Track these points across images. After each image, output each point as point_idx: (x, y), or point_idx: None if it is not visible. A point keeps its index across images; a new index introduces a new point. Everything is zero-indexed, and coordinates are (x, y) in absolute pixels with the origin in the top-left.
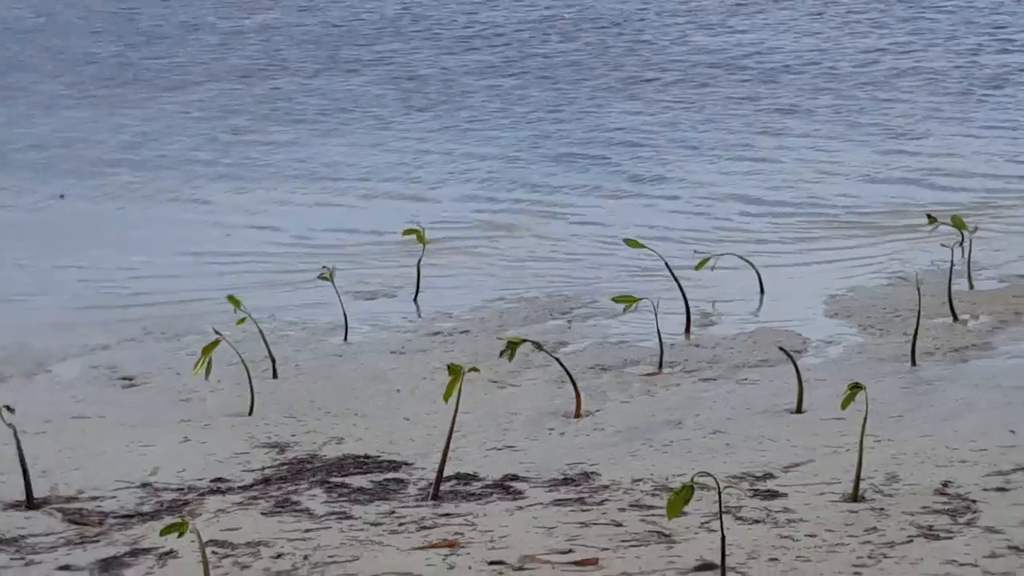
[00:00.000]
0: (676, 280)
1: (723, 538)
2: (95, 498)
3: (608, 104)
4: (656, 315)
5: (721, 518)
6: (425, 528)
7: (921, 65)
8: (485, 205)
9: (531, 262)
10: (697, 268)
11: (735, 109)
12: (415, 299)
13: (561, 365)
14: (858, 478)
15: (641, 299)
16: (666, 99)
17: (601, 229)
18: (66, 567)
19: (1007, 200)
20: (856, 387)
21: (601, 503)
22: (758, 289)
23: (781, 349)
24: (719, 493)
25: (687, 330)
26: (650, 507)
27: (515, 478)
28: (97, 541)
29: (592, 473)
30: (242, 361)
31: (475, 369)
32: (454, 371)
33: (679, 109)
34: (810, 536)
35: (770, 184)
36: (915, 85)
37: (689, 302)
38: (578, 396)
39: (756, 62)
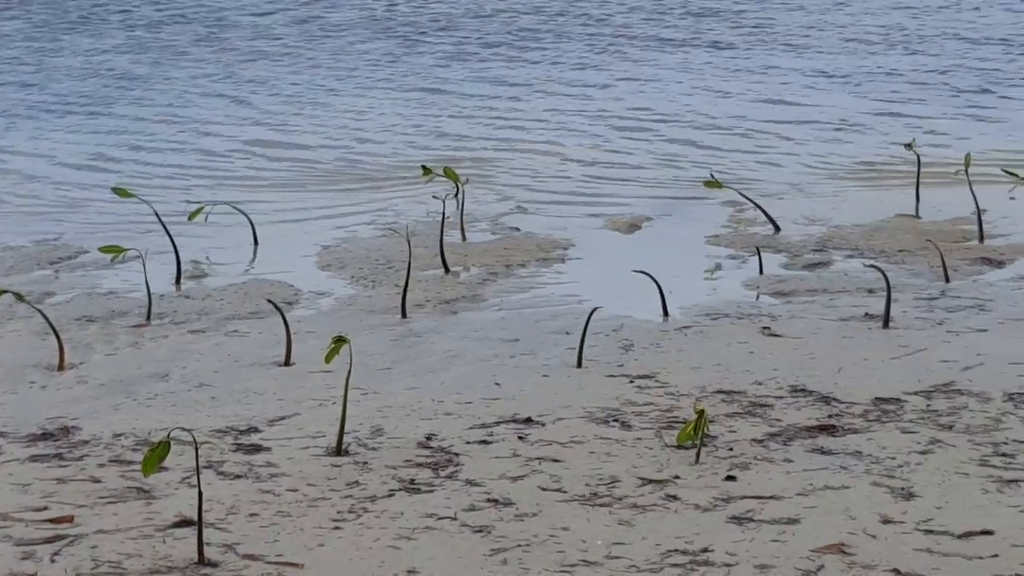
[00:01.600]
0: (166, 229)
1: (200, 494)
2: None
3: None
4: (144, 265)
5: (199, 473)
6: None
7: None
8: None
9: (16, 211)
10: (190, 218)
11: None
12: None
13: (43, 316)
14: (342, 432)
15: (129, 249)
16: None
17: (103, 177)
18: None
19: (491, 153)
20: (340, 340)
21: (80, 459)
22: (252, 240)
23: (269, 301)
24: (196, 448)
25: (177, 281)
26: (130, 463)
27: None
28: None
29: (73, 427)
30: None
31: None
32: None
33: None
34: (292, 491)
35: (260, 136)
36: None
37: (180, 253)
38: (61, 348)
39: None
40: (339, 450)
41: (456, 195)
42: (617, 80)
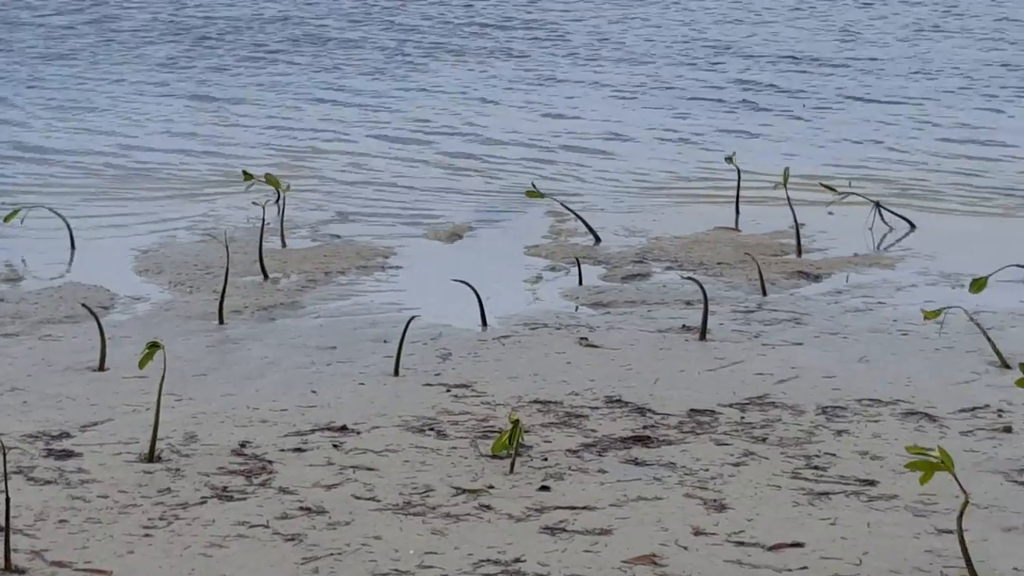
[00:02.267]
0: None
1: (8, 499)
2: None
3: None
4: None
5: (7, 479)
6: None
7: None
8: None
9: None
10: (6, 220)
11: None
12: None
13: None
14: (154, 438)
15: None
16: None
17: None
18: None
19: (314, 160)
20: (154, 345)
21: None
22: (69, 244)
23: (84, 306)
24: (4, 454)
25: None
26: None
27: None
28: None
29: None
30: None
31: None
32: None
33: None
34: (102, 497)
35: (87, 142)
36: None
37: None
38: None
39: None
40: (151, 457)
41: (277, 201)
42: (429, 89)
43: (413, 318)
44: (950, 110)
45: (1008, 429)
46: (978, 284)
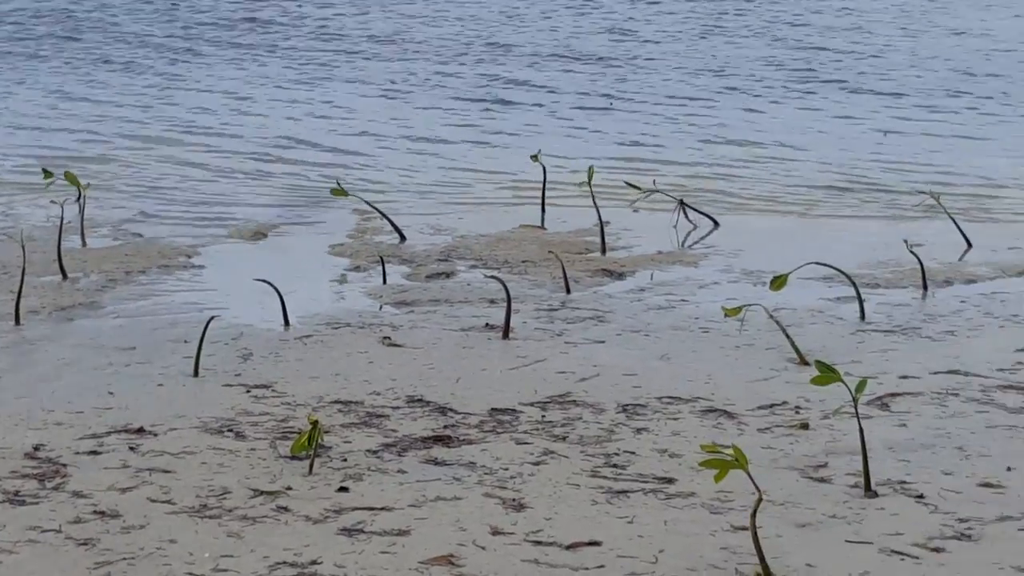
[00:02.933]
0: None
1: None
2: None
3: None
4: None
5: None
6: None
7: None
8: None
9: None
10: None
11: None
12: None
13: None
14: None
15: None
16: None
17: None
18: None
19: (116, 158)
20: None
21: None
22: None
23: None
24: None
25: None
26: None
27: None
28: None
29: None
30: None
31: None
32: None
33: None
34: None
35: None
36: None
37: None
38: None
39: None
40: None
41: (78, 200)
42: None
43: (213, 318)
44: (732, 111)
45: (805, 426)
46: (778, 282)
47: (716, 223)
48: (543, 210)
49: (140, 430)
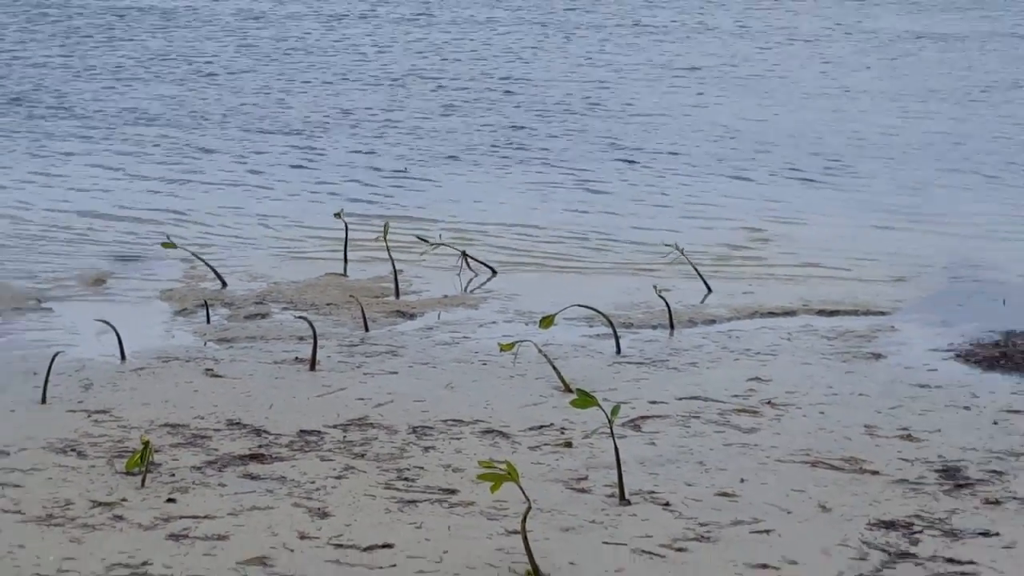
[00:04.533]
0: None
1: None
2: None
3: None
4: None
5: None
6: None
7: None
8: None
9: None
10: None
11: None
12: None
13: None
14: None
15: None
16: None
17: None
18: None
19: None
20: None
21: None
22: None
23: None
24: None
25: None
26: None
27: None
28: None
29: None
30: None
31: None
32: None
33: None
34: None
35: None
36: None
37: None
38: None
39: None
40: None
41: None
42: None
43: (58, 353)
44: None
45: (569, 444)
46: (546, 321)
47: (494, 271)
48: (345, 260)
49: None
